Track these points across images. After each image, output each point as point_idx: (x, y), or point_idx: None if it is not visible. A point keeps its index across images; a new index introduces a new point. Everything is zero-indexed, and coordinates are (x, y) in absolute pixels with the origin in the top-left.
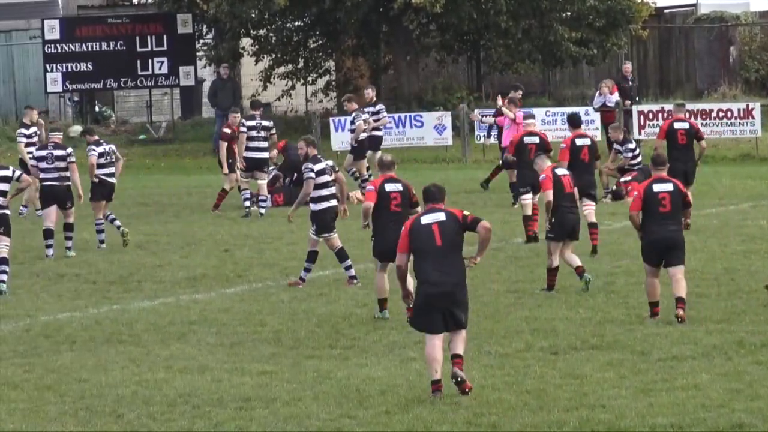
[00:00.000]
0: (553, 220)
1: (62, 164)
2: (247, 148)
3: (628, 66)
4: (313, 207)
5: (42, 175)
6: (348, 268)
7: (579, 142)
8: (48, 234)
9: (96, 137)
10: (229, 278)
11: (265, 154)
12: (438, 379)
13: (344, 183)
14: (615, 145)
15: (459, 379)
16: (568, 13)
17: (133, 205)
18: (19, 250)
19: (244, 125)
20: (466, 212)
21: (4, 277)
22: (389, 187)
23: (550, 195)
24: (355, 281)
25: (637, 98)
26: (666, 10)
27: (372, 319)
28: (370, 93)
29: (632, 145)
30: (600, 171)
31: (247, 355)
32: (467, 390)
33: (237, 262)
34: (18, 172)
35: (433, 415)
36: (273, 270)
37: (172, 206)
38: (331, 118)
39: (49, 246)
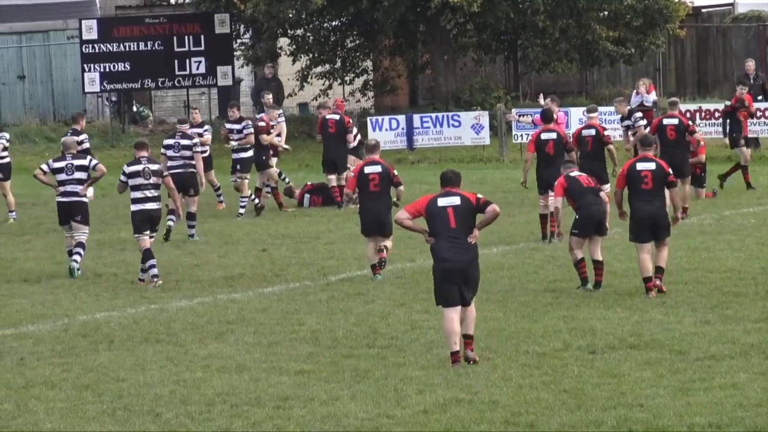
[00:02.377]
0: (577, 217)
1: (188, 153)
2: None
3: (750, 63)
4: (131, 207)
5: (169, 163)
6: (152, 267)
7: (544, 136)
8: (191, 217)
9: None
10: (267, 278)
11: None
12: (456, 350)
13: (173, 188)
14: (624, 122)
15: (471, 361)
16: (606, 13)
17: (171, 204)
18: (57, 250)
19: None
20: (479, 195)
21: (78, 258)
22: (368, 169)
23: (559, 202)
24: (155, 280)
25: (760, 97)
26: (703, 10)
27: (410, 318)
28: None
29: (639, 114)
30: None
31: (285, 355)
32: (476, 362)
33: (275, 262)
34: (94, 161)
35: (471, 415)
36: (310, 269)
37: (210, 206)
38: (368, 118)
39: (191, 226)
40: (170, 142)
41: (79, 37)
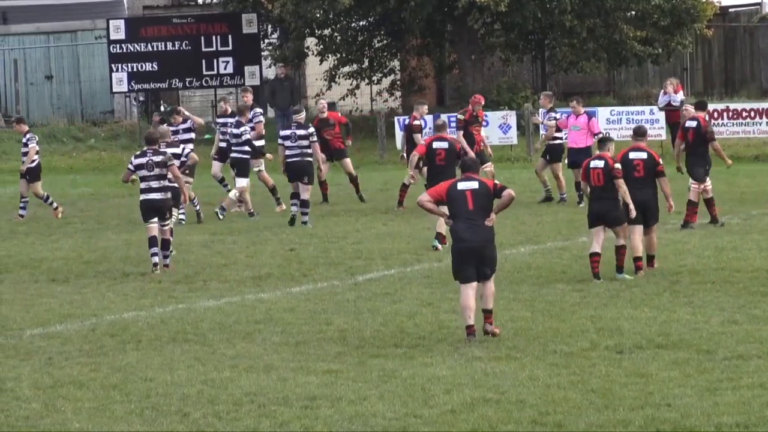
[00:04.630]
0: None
1: (305, 142)
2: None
3: None
4: (139, 197)
5: (286, 152)
6: (154, 255)
7: (688, 123)
8: (304, 204)
9: None
10: (295, 277)
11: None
12: (471, 324)
13: (179, 177)
14: (547, 117)
15: (490, 334)
16: (633, 12)
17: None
18: (85, 249)
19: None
20: (497, 182)
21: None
22: (436, 144)
23: (583, 186)
24: (157, 270)
25: None
26: (731, 9)
27: (437, 318)
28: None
29: (556, 115)
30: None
31: (313, 354)
32: (496, 334)
33: (302, 262)
34: (187, 149)
35: (499, 414)
36: (338, 269)
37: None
38: (396, 118)
39: (304, 213)
40: (287, 132)
41: (106, 37)
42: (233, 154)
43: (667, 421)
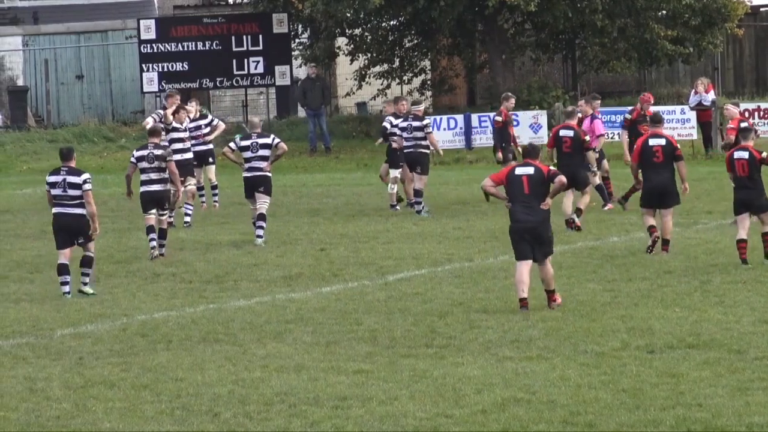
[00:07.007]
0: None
1: (420, 134)
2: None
3: None
4: (139, 189)
5: (405, 143)
6: (152, 239)
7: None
8: (417, 193)
9: None
10: (325, 277)
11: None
12: (524, 297)
13: (175, 173)
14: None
15: (555, 306)
16: (664, 12)
17: (229, 204)
18: (116, 249)
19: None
20: (551, 167)
21: (261, 231)
22: (563, 132)
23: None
24: (155, 253)
25: None
26: (762, 9)
27: (468, 318)
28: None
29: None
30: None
31: (343, 354)
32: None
33: (333, 261)
34: (277, 140)
35: (530, 414)
36: (369, 269)
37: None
38: (426, 117)
39: (418, 203)
40: (404, 125)
41: (137, 37)
42: (408, 150)
43: (698, 421)
